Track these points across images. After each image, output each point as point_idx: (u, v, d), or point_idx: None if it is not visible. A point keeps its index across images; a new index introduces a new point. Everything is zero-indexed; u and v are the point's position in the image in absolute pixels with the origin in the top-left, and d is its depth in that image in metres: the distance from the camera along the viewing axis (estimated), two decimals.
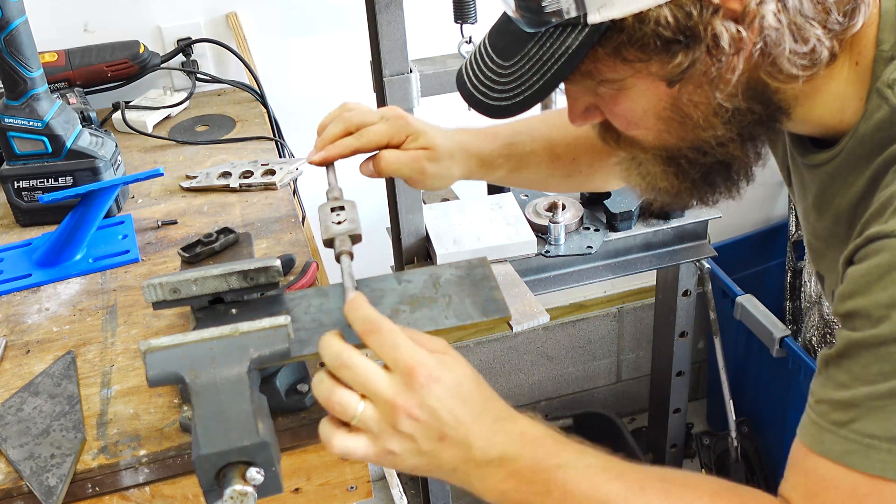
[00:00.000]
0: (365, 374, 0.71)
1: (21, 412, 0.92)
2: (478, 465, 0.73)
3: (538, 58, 0.74)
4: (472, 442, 0.72)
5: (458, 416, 0.72)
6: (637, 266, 1.64)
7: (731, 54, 0.70)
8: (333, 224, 0.88)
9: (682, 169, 0.81)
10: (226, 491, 0.71)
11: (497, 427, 0.74)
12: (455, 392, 0.72)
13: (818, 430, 0.72)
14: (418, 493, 2.16)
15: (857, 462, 0.69)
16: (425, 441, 0.71)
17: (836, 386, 0.72)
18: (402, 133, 0.99)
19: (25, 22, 1.17)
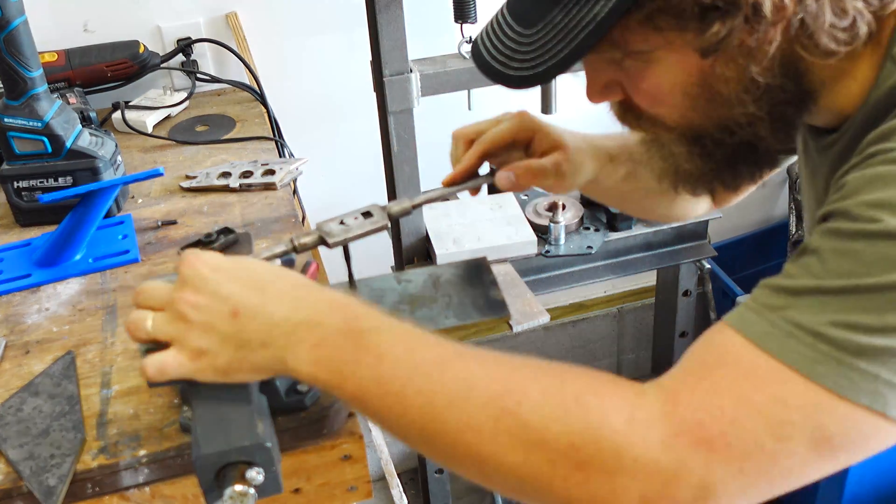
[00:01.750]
0: (150, 290, 0.73)
1: (21, 412, 0.92)
2: (284, 334, 0.69)
3: (563, 25, 0.69)
4: (271, 311, 0.70)
5: (242, 289, 0.70)
6: (637, 266, 1.64)
7: (771, 24, 0.66)
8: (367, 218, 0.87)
9: (707, 150, 0.77)
10: (226, 491, 0.71)
11: (298, 294, 0.71)
12: (232, 270, 0.71)
13: (744, 310, 0.66)
14: (418, 493, 2.16)
15: (771, 346, 0.62)
16: (220, 322, 0.70)
17: (784, 276, 0.66)
18: (527, 129, 0.93)
19: (25, 22, 1.17)
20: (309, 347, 0.69)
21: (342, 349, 0.69)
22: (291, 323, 0.70)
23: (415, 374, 0.67)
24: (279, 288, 0.71)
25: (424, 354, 0.68)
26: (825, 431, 0.61)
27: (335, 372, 0.69)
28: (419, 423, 0.67)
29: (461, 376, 0.66)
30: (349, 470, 0.91)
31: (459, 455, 0.67)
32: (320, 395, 0.90)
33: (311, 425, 0.88)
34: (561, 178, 0.94)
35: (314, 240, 0.87)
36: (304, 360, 0.70)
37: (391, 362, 0.68)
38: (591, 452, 0.62)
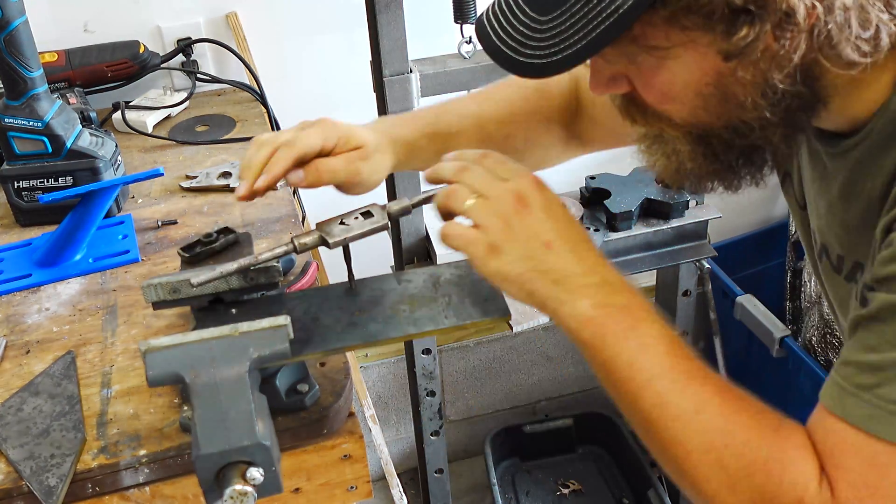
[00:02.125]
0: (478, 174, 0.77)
1: (21, 412, 0.92)
2: (578, 284, 0.75)
3: (583, 14, 0.66)
4: (577, 260, 0.76)
5: (565, 228, 0.76)
6: (637, 266, 1.64)
7: (798, 32, 0.65)
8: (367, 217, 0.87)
9: (713, 150, 0.77)
10: (226, 491, 0.71)
11: (600, 261, 0.77)
12: (563, 213, 0.77)
13: (840, 392, 0.69)
14: (418, 493, 2.17)
15: (879, 428, 0.66)
16: (532, 242, 0.75)
17: (864, 348, 0.69)
18: (332, 136, 0.91)
19: (25, 22, 1.17)
20: (591, 305, 0.75)
21: (616, 323, 0.75)
22: (589, 279, 0.76)
23: (663, 376, 0.73)
24: (590, 248, 0.78)
25: (677, 363, 0.74)
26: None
27: (599, 337, 0.75)
28: (643, 416, 0.74)
29: (697, 398, 0.73)
30: (349, 470, 0.92)
31: (665, 457, 0.75)
32: (320, 395, 0.90)
33: (311, 425, 0.88)
34: (355, 176, 0.93)
35: (315, 240, 0.87)
36: (579, 314, 0.75)
37: (649, 356, 0.74)
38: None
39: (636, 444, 2.22)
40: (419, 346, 1.66)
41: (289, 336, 0.78)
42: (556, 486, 2.26)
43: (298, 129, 0.92)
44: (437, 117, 1.05)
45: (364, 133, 0.95)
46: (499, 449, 2.27)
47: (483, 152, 0.80)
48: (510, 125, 1.06)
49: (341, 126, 0.93)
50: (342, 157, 0.92)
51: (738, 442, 0.71)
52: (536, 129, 1.07)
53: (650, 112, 0.77)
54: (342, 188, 0.95)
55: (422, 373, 1.70)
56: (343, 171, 0.92)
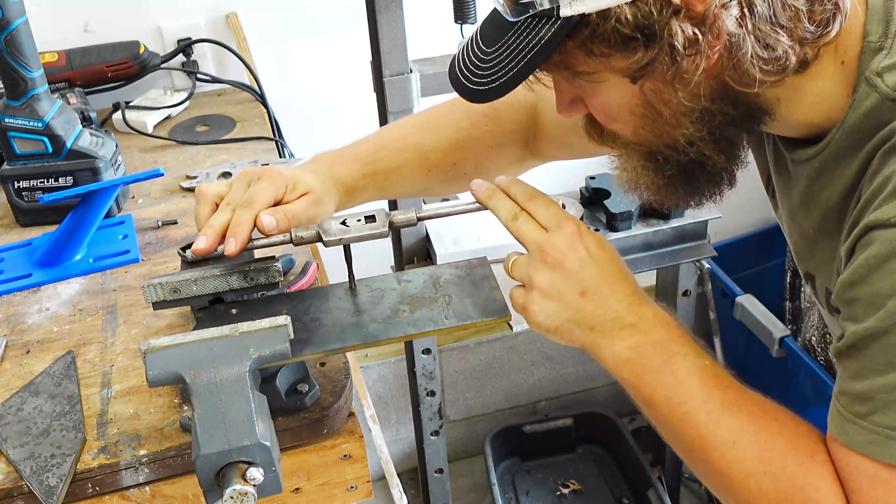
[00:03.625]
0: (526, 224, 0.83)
1: (21, 412, 0.92)
2: (613, 327, 0.81)
3: (514, 46, 0.76)
4: (612, 304, 0.81)
5: (599, 275, 0.81)
6: (637, 266, 1.64)
7: (687, 56, 0.71)
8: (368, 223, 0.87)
9: (659, 165, 0.83)
10: (226, 491, 0.71)
11: (634, 299, 0.82)
12: (599, 254, 0.82)
13: (842, 421, 0.75)
14: (418, 493, 2.17)
15: (878, 452, 0.72)
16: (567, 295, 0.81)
17: (851, 376, 0.74)
18: (281, 186, 0.93)
19: (26, 22, 1.18)
20: (626, 347, 0.81)
21: (652, 360, 0.81)
22: (623, 322, 0.81)
23: (701, 408, 0.79)
24: (625, 288, 0.82)
25: (713, 394, 0.79)
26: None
27: (637, 375, 0.81)
28: (686, 444, 0.80)
29: (732, 428, 0.78)
30: (349, 470, 0.92)
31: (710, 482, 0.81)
32: (320, 395, 0.90)
33: (311, 425, 0.88)
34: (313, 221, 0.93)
35: (312, 235, 0.87)
36: (616, 355, 0.82)
37: (686, 389, 0.79)
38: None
39: (636, 444, 2.22)
40: (419, 346, 1.66)
41: (289, 336, 0.78)
42: (556, 486, 2.26)
43: (245, 184, 0.93)
44: (375, 154, 1.05)
45: (309, 178, 0.97)
46: (499, 449, 2.27)
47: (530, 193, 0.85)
48: (457, 152, 1.09)
49: (286, 174, 0.95)
50: (300, 202, 0.93)
51: (775, 469, 0.76)
52: (486, 153, 1.10)
53: (605, 132, 0.86)
54: None
55: (422, 373, 1.70)
56: (304, 215, 0.93)
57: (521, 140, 1.12)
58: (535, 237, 0.82)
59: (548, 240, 0.82)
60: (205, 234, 0.88)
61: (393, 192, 1.10)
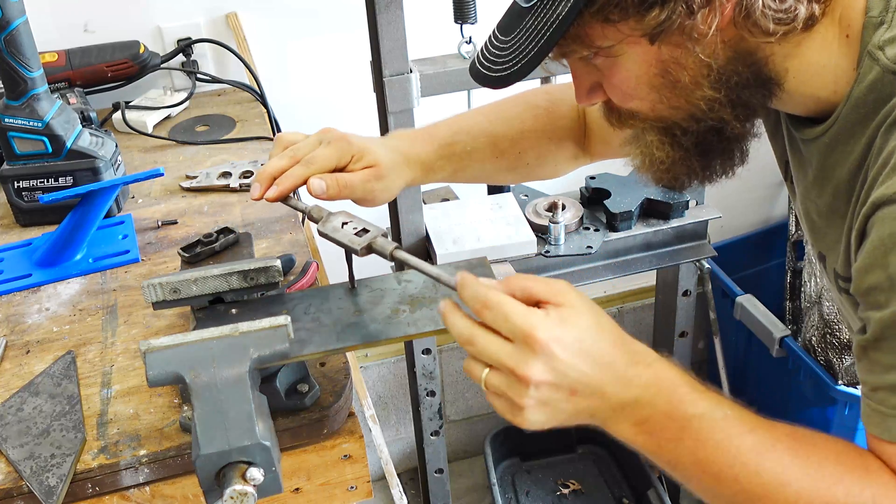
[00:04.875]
0: (485, 347, 0.73)
1: (21, 412, 0.92)
2: (613, 410, 0.75)
3: (533, 28, 0.77)
4: (605, 389, 0.74)
5: (584, 371, 0.73)
6: (637, 266, 1.64)
7: (702, 6, 0.73)
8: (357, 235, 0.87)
9: (677, 138, 0.84)
10: (226, 491, 0.71)
11: (630, 373, 0.75)
12: (577, 349, 0.72)
13: (882, 419, 0.73)
14: (418, 493, 2.17)
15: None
16: (558, 401, 0.73)
17: (884, 369, 0.73)
18: (346, 154, 0.97)
19: (26, 22, 1.17)
20: (632, 423, 0.75)
21: (665, 429, 0.75)
22: (621, 401, 0.75)
23: (734, 462, 0.74)
24: (616, 367, 0.74)
25: (742, 443, 0.74)
26: None
27: (654, 445, 0.76)
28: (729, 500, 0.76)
29: (776, 470, 0.74)
30: (349, 470, 0.92)
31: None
32: (320, 395, 0.90)
33: (311, 425, 0.88)
34: (370, 194, 0.99)
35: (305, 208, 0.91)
36: (625, 432, 0.76)
37: (712, 448, 0.74)
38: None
39: None
40: (419, 346, 1.66)
41: (289, 336, 0.78)
42: (556, 486, 2.26)
43: (316, 142, 0.98)
44: (452, 137, 1.09)
45: (380, 152, 1.00)
46: (499, 449, 2.27)
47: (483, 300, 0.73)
48: (522, 142, 1.12)
49: (356, 143, 0.99)
50: (359, 174, 0.97)
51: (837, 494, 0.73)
52: (548, 146, 1.13)
53: (623, 113, 0.87)
54: (358, 202, 1.01)
55: (422, 373, 1.70)
56: (359, 188, 0.97)
57: (575, 137, 1.15)
58: (502, 360, 0.72)
59: (518, 360, 0.71)
60: (257, 180, 0.94)
61: (464, 174, 1.12)
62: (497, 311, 0.72)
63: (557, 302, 0.73)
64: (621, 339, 0.76)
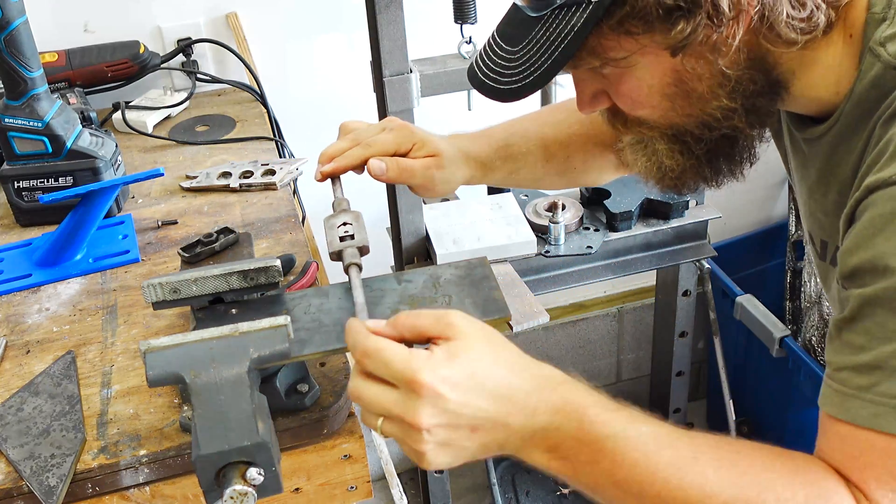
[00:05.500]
0: (371, 399, 0.69)
1: (21, 412, 0.92)
2: (522, 440, 0.71)
3: (545, 39, 0.75)
4: (509, 421, 0.70)
5: (480, 406, 0.69)
6: (637, 266, 1.64)
7: (731, 18, 0.71)
8: (340, 237, 0.88)
9: (688, 146, 0.82)
10: (226, 491, 0.71)
11: (533, 400, 0.71)
12: (469, 385, 0.68)
13: (842, 399, 0.71)
14: (418, 493, 2.16)
15: (887, 424, 0.68)
16: (459, 440, 0.70)
17: (853, 350, 0.71)
18: (408, 142, 1.00)
19: (26, 22, 1.17)
20: (545, 451, 0.72)
21: (579, 453, 0.71)
22: (529, 430, 0.71)
23: (654, 480, 0.70)
24: (519, 398, 0.71)
25: (661, 458, 0.71)
26: None
27: (571, 470, 0.72)
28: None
29: (697, 482, 0.70)
30: (349, 470, 0.92)
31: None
32: (320, 395, 0.90)
33: (311, 425, 0.88)
34: (429, 181, 1.01)
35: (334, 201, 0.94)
36: (539, 459, 0.72)
37: (629, 468, 0.70)
38: None
39: None
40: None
41: (289, 336, 0.78)
42: (556, 486, 2.26)
43: (379, 129, 1.01)
44: (507, 139, 1.10)
45: (441, 143, 1.02)
46: None
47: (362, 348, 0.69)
48: (570, 147, 1.13)
49: (418, 133, 1.01)
50: (420, 161, 1.00)
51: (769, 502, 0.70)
52: (593, 153, 1.13)
53: (630, 119, 0.84)
54: (415, 190, 1.03)
55: None
56: (419, 174, 1.00)
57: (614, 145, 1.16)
58: (390, 410, 0.68)
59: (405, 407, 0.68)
60: (319, 160, 0.98)
61: (518, 176, 1.13)
62: (377, 359, 0.68)
63: (446, 336, 0.70)
64: (521, 365, 0.73)
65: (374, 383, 0.69)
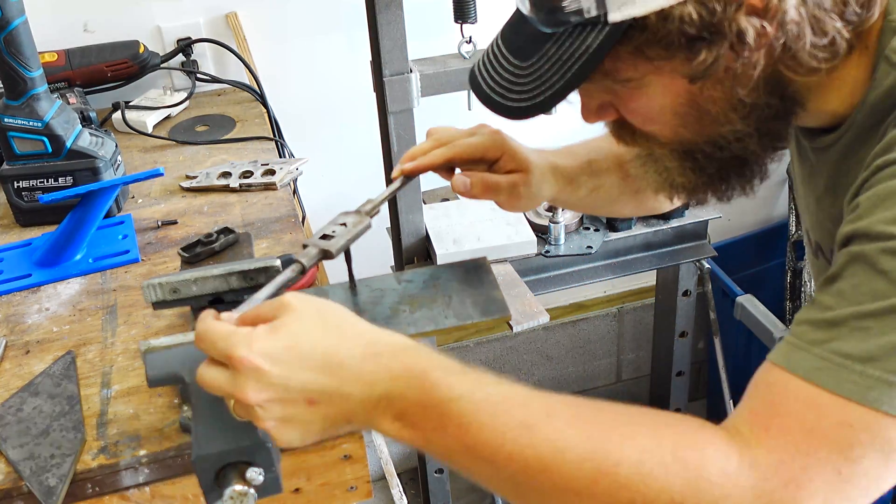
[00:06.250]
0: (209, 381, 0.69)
1: (21, 412, 0.92)
2: (366, 411, 0.69)
3: (558, 58, 0.72)
4: (345, 390, 0.68)
5: (309, 378, 0.67)
6: (637, 266, 1.64)
7: (754, 50, 0.69)
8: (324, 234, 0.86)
9: (699, 164, 0.80)
10: (226, 491, 0.71)
11: (369, 367, 0.69)
12: (291, 356, 0.67)
13: (790, 349, 0.67)
14: (418, 493, 2.16)
15: (825, 380, 0.64)
16: (299, 415, 0.68)
17: (821, 309, 0.68)
18: (497, 150, 0.96)
19: (25, 22, 1.17)
20: (391, 419, 0.69)
21: (426, 419, 0.68)
22: (371, 400, 0.69)
23: (504, 440, 0.66)
24: (351, 367, 0.69)
25: (511, 418, 0.67)
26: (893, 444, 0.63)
27: (421, 439, 0.69)
28: (511, 485, 0.68)
29: (552, 438, 0.66)
30: (349, 470, 0.92)
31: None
32: None
33: None
34: (515, 198, 0.97)
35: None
36: (389, 429, 0.70)
37: (477, 430, 0.67)
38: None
39: None
40: None
41: None
42: None
43: (468, 134, 0.97)
44: (588, 154, 1.07)
45: (531, 155, 0.99)
46: None
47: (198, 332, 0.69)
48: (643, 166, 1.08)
49: (510, 143, 0.97)
50: (506, 178, 0.96)
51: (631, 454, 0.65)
52: None
53: (638, 133, 0.82)
54: (500, 204, 0.99)
55: None
56: (504, 190, 0.96)
57: None
58: (224, 389, 0.68)
59: (233, 385, 0.67)
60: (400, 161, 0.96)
61: (597, 194, 1.08)
62: (206, 340, 0.68)
63: (276, 315, 0.69)
64: (354, 334, 0.71)
65: (212, 366, 0.69)
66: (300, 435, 0.69)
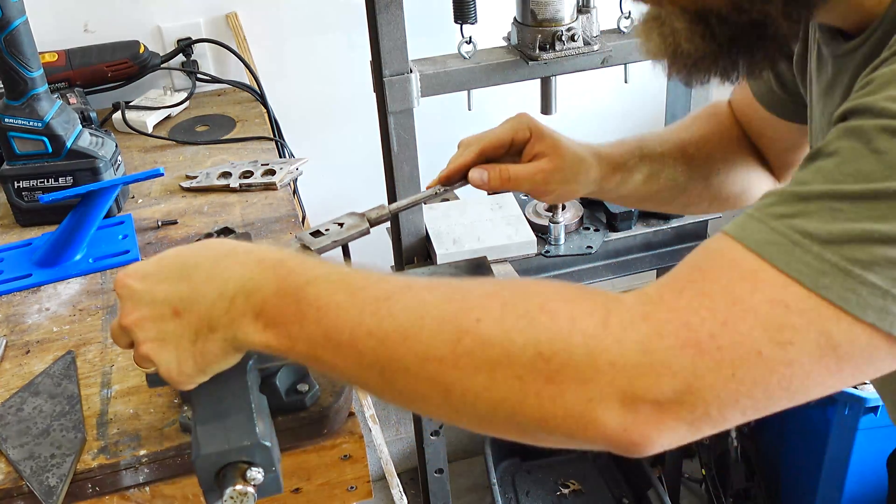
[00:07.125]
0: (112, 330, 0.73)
1: (21, 412, 0.92)
2: (225, 312, 0.67)
3: None
4: (204, 293, 0.67)
5: (171, 288, 0.68)
6: (637, 266, 1.64)
7: None
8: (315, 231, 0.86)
9: (711, 29, 0.72)
10: (226, 491, 0.71)
11: (223, 265, 0.68)
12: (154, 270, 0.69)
13: (746, 219, 0.59)
14: (418, 493, 2.17)
15: (774, 255, 0.56)
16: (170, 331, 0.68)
17: (795, 183, 0.59)
18: (525, 128, 0.94)
19: (25, 22, 1.18)
20: (252, 317, 0.66)
21: (284, 310, 0.65)
22: (227, 298, 0.66)
23: (361, 316, 0.62)
24: (205, 267, 0.68)
25: (367, 294, 0.63)
26: (830, 339, 0.55)
27: (284, 336, 0.65)
28: (377, 367, 0.62)
29: (411, 306, 0.61)
30: (349, 470, 0.92)
31: (424, 391, 0.61)
32: (320, 395, 0.90)
33: (311, 425, 0.88)
34: (543, 186, 0.94)
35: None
36: (252, 331, 0.66)
37: (335, 311, 0.63)
38: (562, 360, 0.57)
39: None
40: None
41: None
42: (556, 486, 2.26)
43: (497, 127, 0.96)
44: (640, 142, 1.04)
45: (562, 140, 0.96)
46: (499, 449, 2.27)
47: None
48: (708, 146, 1.06)
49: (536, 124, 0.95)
50: (529, 167, 0.94)
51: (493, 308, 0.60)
52: (734, 151, 1.06)
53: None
54: (532, 194, 0.97)
55: None
56: (526, 182, 0.93)
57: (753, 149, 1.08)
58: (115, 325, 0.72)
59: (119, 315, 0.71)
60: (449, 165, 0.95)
61: (659, 180, 1.03)
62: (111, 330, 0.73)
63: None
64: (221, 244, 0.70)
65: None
66: (176, 355, 0.69)
